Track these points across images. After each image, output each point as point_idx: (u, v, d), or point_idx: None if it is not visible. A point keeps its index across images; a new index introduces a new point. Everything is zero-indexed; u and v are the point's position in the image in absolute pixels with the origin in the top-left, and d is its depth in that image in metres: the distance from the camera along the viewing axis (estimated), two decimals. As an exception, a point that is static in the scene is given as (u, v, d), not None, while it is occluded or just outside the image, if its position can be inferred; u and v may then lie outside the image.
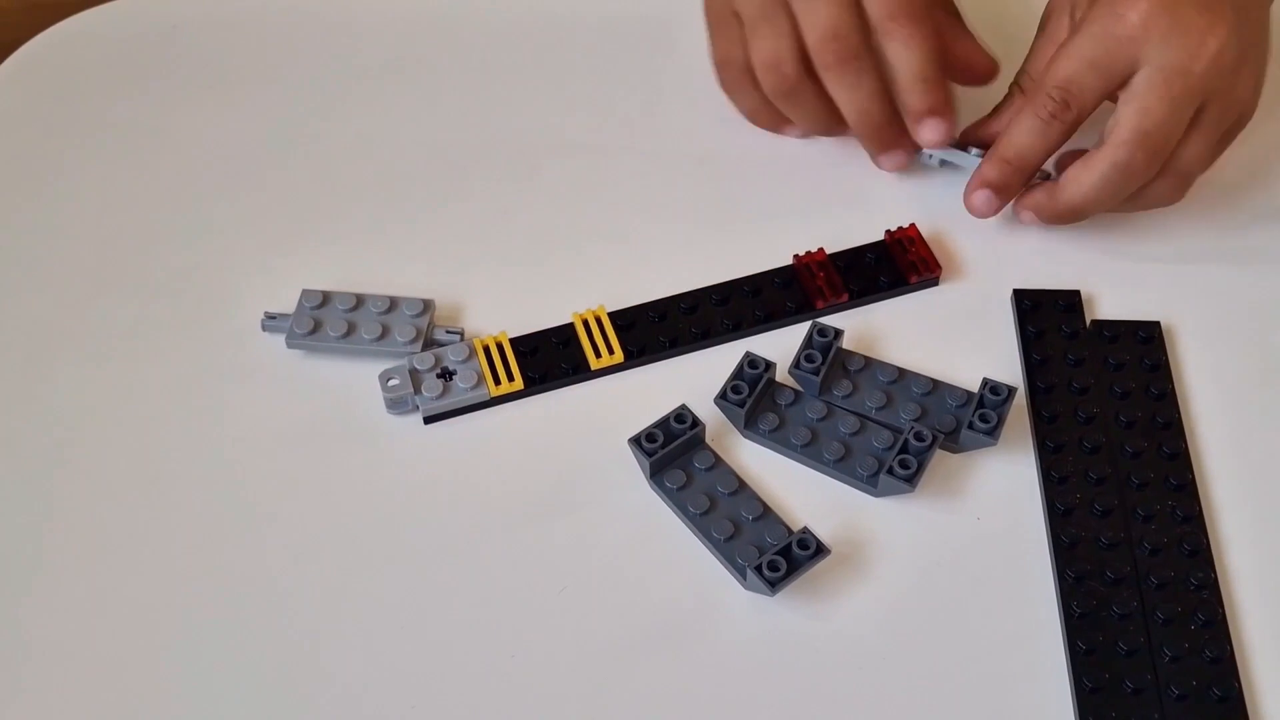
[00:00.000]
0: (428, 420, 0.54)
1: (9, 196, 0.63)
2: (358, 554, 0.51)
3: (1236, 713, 0.47)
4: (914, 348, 0.57)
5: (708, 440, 0.54)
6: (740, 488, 0.52)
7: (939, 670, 0.48)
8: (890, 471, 0.51)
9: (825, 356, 0.54)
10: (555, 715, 0.47)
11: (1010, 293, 0.59)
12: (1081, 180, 0.56)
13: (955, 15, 0.62)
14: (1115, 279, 0.59)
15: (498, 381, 0.55)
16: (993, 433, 0.52)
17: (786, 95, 0.59)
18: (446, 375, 0.55)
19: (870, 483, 0.52)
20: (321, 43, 0.70)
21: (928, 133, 0.59)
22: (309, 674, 0.48)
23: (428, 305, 0.57)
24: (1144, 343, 0.57)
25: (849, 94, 0.58)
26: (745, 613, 0.50)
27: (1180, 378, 0.56)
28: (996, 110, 0.61)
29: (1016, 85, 0.60)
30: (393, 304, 0.57)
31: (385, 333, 0.56)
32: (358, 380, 0.56)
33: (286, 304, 0.57)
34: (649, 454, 0.51)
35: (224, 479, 0.53)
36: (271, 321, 0.57)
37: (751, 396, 0.53)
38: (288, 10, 0.71)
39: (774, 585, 0.48)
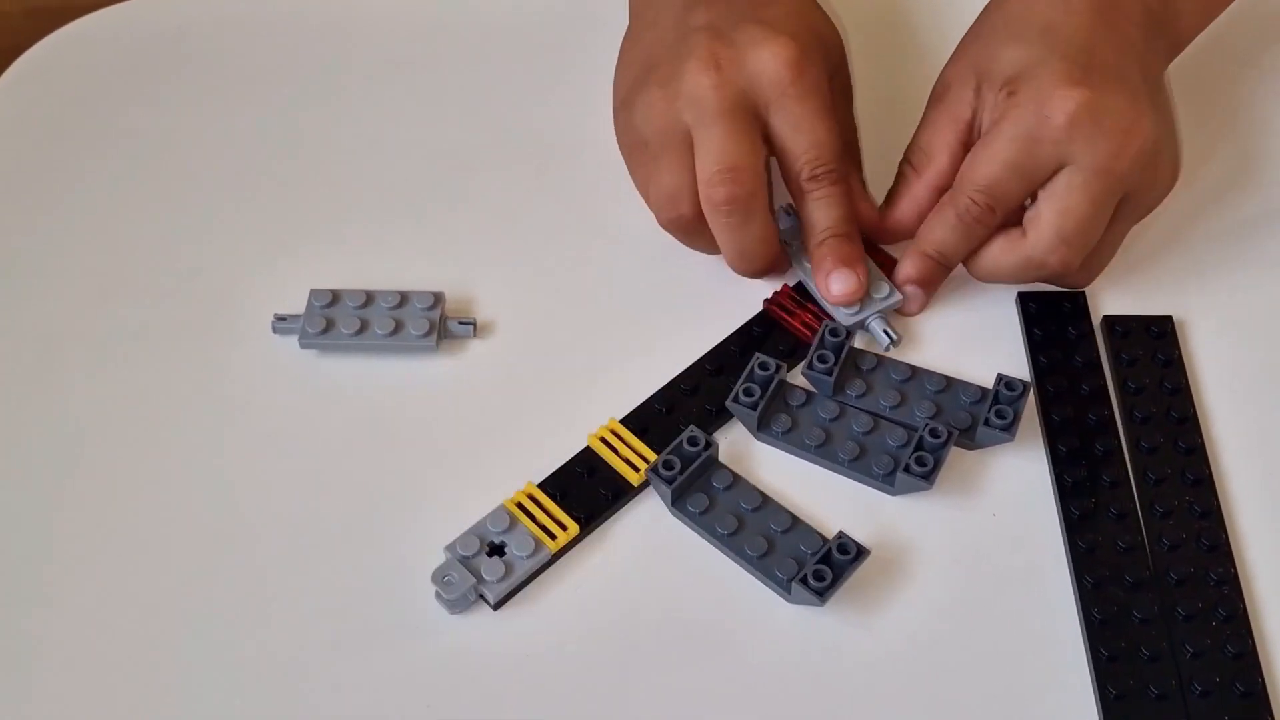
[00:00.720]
0: (497, 606, 0.50)
1: (16, 201, 0.63)
2: (377, 554, 0.51)
3: (1260, 707, 0.46)
4: (922, 352, 0.57)
5: (722, 455, 0.53)
6: (764, 502, 0.51)
7: (966, 676, 0.48)
8: (907, 469, 0.51)
9: (838, 356, 0.54)
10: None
11: (1015, 296, 0.58)
12: (999, 262, 0.55)
13: (859, 168, 0.60)
14: (1126, 275, 0.59)
15: (552, 536, 0.50)
16: (1009, 428, 0.52)
17: (685, 232, 0.56)
18: (498, 551, 0.50)
19: (887, 481, 0.52)
20: (322, 44, 0.70)
21: (837, 285, 0.55)
22: (326, 673, 0.48)
23: (438, 298, 0.57)
24: (1157, 338, 0.56)
25: (730, 235, 0.55)
26: (791, 625, 0.49)
27: (1194, 372, 0.56)
28: (891, 195, 0.58)
29: (907, 162, 0.58)
30: (403, 299, 0.57)
31: (398, 327, 0.56)
32: (375, 377, 0.56)
33: (293, 304, 0.57)
34: (669, 481, 0.51)
35: (246, 480, 0.53)
36: (282, 323, 0.56)
37: (764, 398, 0.53)
38: (290, 11, 0.71)
39: (822, 595, 0.48)
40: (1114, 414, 0.54)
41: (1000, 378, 0.53)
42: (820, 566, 0.48)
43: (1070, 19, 0.55)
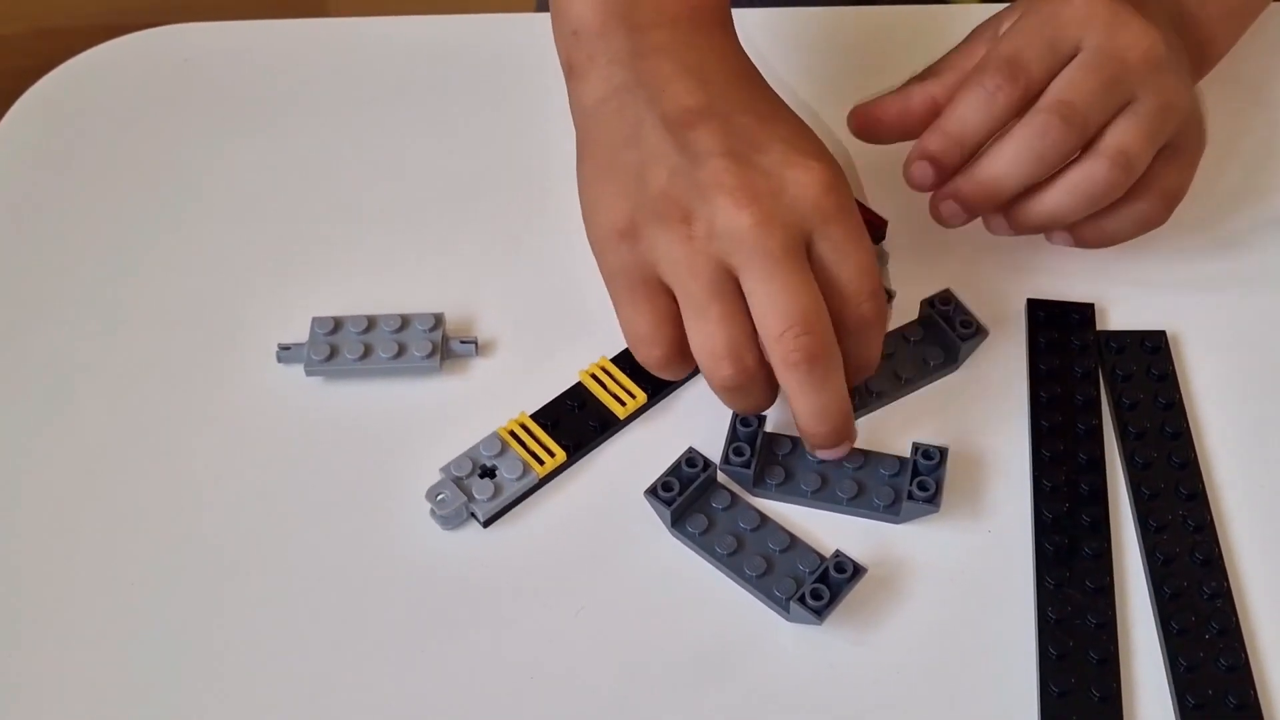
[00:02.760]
0: (486, 524, 0.53)
1: (23, 228, 0.64)
2: (390, 578, 0.52)
3: (1253, 720, 0.47)
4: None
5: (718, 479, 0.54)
6: (763, 521, 0.52)
7: (964, 691, 0.49)
8: (911, 496, 0.52)
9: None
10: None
11: (1024, 303, 0.59)
12: (1000, 150, 0.54)
13: None
14: (1118, 289, 0.60)
15: (541, 461, 0.54)
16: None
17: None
18: (489, 474, 0.54)
19: (890, 512, 0.53)
20: (324, 72, 0.70)
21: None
22: (327, 699, 0.49)
23: (439, 319, 0.58)
24: (1151, 353, 0.57)
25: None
26: (791, 644, 0.50)
27: (1187, 386, 0.57)
28: (901, 89, 0.58)
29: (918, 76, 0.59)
30: (404, 321, 0.58)
31: (402, 350, 0.57)
32: (382, 399, 0.57)
33: (295, 333, 0.58)
34: (668, 503, 0.52)
35: (259, 510, 0.54)
36: (286, 352, 0.57)
37: (754, 454, 0.53)
38: (293, 41, 0.72)
39: (820, 613, 0.49)
40: (1101, 424, 0.55)
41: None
42: (818, 585, 0.49)
43: None
